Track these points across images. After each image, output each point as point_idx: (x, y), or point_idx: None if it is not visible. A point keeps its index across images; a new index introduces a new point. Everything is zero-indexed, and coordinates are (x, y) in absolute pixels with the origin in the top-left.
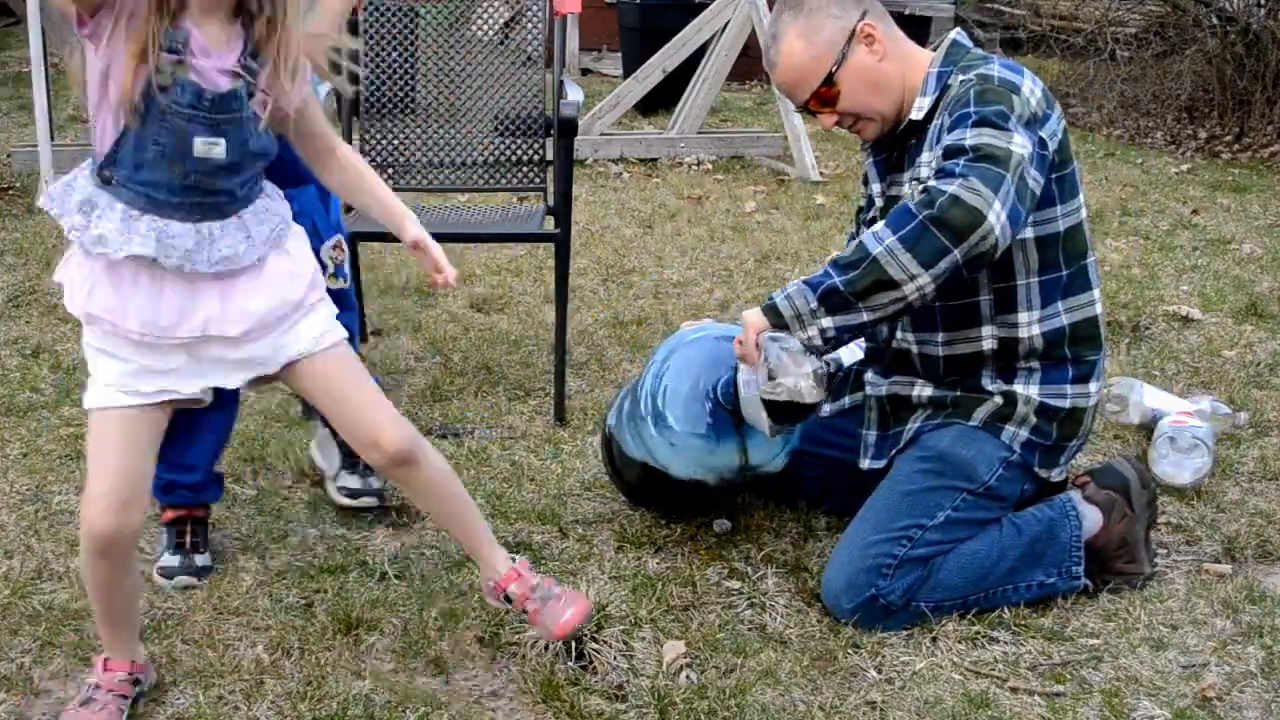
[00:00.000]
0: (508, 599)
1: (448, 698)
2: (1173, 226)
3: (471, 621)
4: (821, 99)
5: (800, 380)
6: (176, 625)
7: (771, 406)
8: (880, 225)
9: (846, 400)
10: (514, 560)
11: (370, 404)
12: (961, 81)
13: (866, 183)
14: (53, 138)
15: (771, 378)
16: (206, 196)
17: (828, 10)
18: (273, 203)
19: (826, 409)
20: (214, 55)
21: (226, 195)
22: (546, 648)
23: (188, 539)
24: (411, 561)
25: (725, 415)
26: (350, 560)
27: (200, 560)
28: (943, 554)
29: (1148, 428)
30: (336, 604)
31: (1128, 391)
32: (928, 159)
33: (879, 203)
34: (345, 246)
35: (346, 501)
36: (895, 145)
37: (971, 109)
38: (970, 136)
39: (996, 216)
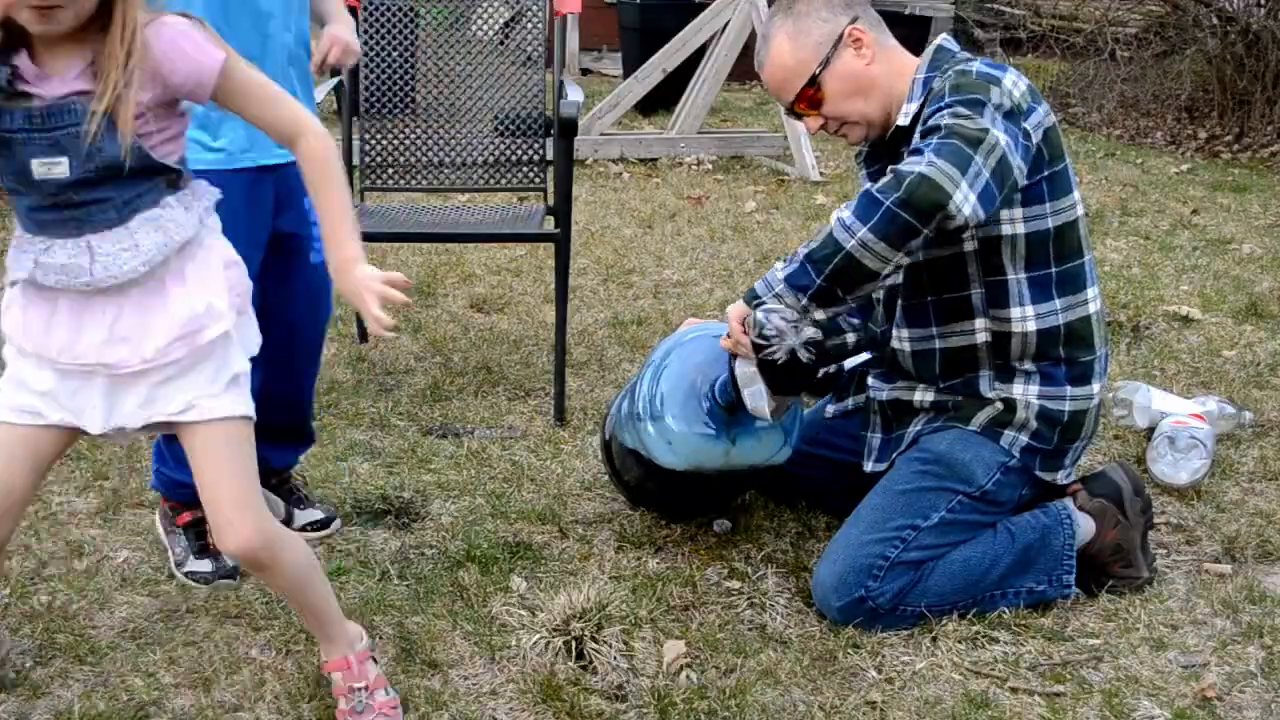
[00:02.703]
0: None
1: (448, 698)
2: (1173, 226)
3: (469, 622)
4: (807, 101)
5: (796, 339)
6: (177, 626)
7: (772, 377)
8: (847, 213)
9: (850, 402)
10: (355, 650)
11: (242, 492)
12: (942, 82)
13: None
14: None
15: (767, 344)
16: (79, 210)
17: (817, 14)
18: (176, 212)
19: (830, 409)
20: (53, 79)
21: (99, 204)
22: (547, 646)
23: (210, 539)
24: (411, 561)
25: (721, 414)
26: (350, 560)
27: (230, 560)
28: (935, 558)
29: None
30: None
31: (1133, 395)
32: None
33: None
34: None
35: (314, 535)
36: (886, 156)
37: (947, 97)
38: (945, 118)
39: (964, 196)
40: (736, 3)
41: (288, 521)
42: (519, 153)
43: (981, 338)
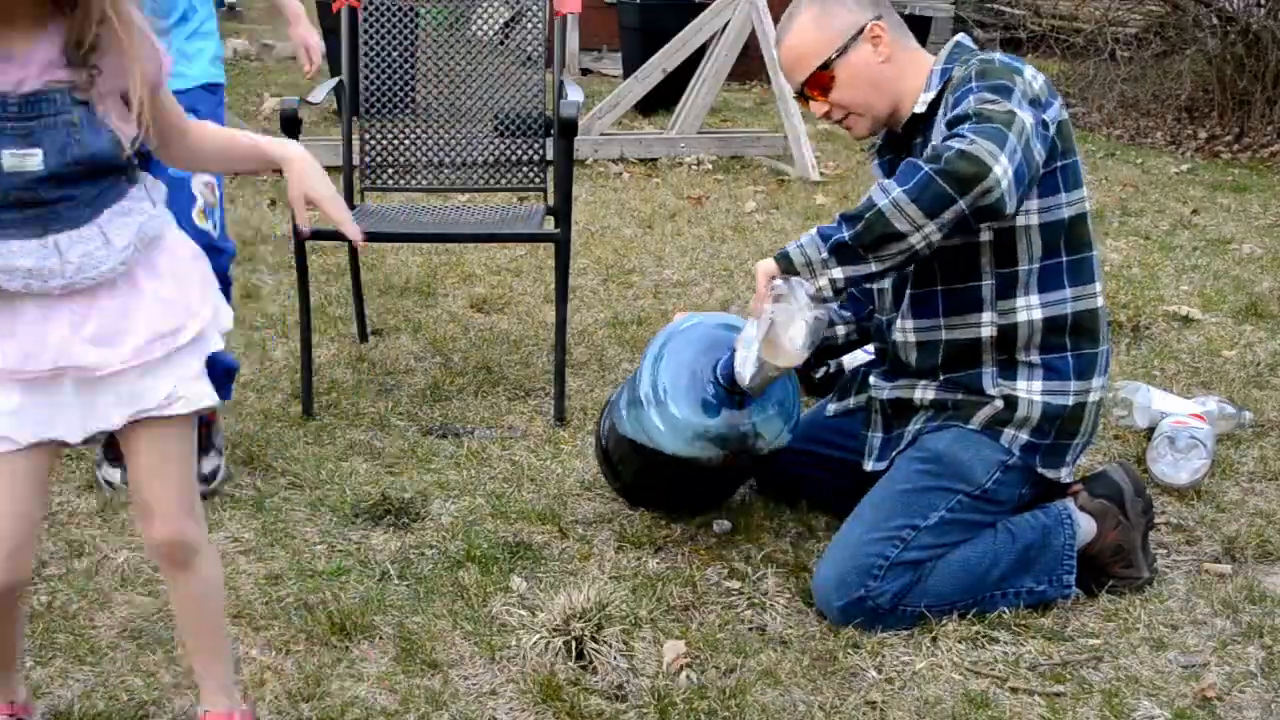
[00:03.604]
0: None
1: (448, 698)
2: (1173, 226)
3: (469, 622)
4: (818, 85)
5: (798, 316)
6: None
7: (767, 342)
8: (887, 180)
9: (851, 401)
10: (236, 711)
11: (185, 481)
12: (964, 70)
13: None
14: None
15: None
16: (44, 208)
17: (843, 3)
18: (144, 204)
19: (831, 408)
20: (17, 59)
21: (69, 201)
22: (547, 647)
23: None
24: (411, 561)
25: (725, 395)
26: (350, 560)
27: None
28: (935, 558)
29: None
30: (336, 604)
31: (1133, 395)
32: (935, 139)
33: None
34: (217, 188)
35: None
36: (901, 145)
37: (974, 84)
38: (973, 105)
39: (1003, 170)
40: (736, 3)
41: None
42: (519, 153)
43: (987, 332)
